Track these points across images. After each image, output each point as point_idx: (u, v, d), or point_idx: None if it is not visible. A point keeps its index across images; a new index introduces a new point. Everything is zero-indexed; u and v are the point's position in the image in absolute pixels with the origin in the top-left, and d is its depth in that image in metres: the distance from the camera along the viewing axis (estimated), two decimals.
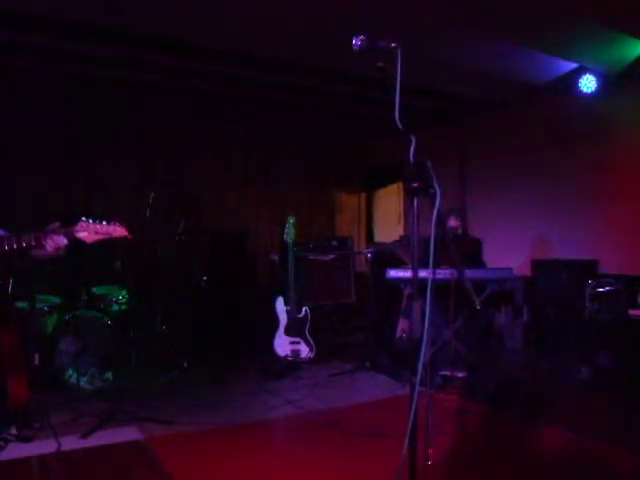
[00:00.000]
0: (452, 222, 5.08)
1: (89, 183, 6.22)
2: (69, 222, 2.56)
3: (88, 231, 2.49)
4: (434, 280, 2.04)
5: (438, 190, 1.99)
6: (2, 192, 5.76)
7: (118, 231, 2.58)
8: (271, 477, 3.00)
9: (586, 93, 5.37)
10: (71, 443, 3.29)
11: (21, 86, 5.74)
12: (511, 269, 4.96)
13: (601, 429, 3.56)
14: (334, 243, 6.35)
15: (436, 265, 4.22)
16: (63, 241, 2.49)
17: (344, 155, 8.61)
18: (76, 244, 2.59)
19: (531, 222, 6.28)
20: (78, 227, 2.49)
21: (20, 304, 4.38)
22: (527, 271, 5.98)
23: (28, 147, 5.97)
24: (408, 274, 4.71)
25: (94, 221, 2.50)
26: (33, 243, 2.45)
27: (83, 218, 2.50)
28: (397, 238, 7.04)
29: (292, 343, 5.13)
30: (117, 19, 4.25)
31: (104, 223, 2.53)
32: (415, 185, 2.00)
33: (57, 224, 2.51)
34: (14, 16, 4.14)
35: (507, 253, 6.03)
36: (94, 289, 4.84)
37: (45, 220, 5.51)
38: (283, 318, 5.15)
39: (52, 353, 4.26)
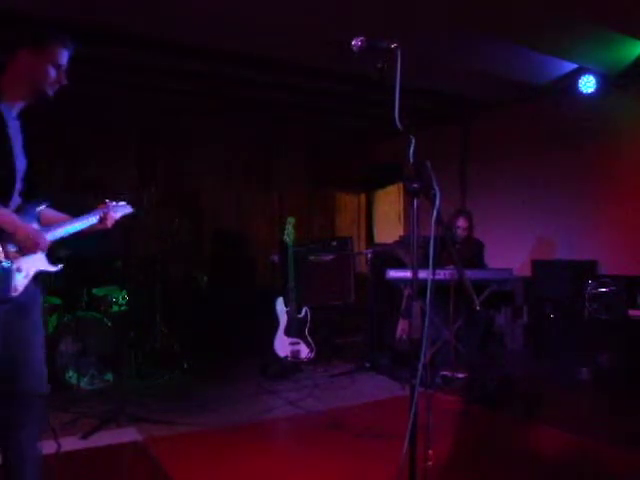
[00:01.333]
0: (460, 222, 5.09)
1: (89, 183, 6.21)
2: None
3: (114, 210, 2.65)
4: (434, 281, 2.04)
5: (438, 191, 1.99)
6: None
7: (129, 208, 2.77)
8: (271, 477, 3.00)
9: (586, 93, 5.37)
10: (71, 444, 3.28)
11: None
12: (511, 270, 4.97)
13: (601, 430, 3.57)
14: (334, 244, 6.35)
15: (436, 266, 4.23)
16: (116, 215, 2.65)
17: (344, 155, 8.61)
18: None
19: (531, 222, 6.28)
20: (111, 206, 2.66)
21: None
22: (527, 272, 5.98)
23: (27, 147, 5.96)
24: (408, 274, 4.71)
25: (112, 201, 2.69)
26: (97, 221, 2.56)
27: (107, 200, 2.65)
28: (397, 239, 7.04)
29: (292, 344, 5.13)
30: (117, 19, 4.26)
31: (120, 202, 2.71)
32: (415, 186, 2.00)
33: (107, 201, 2.64)
34: (13, 16, 4.14)
35: (507, 253, 6.03)
36: (94, 290, 4.84)
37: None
38: (283, 318, 5.15)
39: (52, 354, 4.26)
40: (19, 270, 2.10)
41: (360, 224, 8.87)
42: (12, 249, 2.07)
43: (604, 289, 4.97)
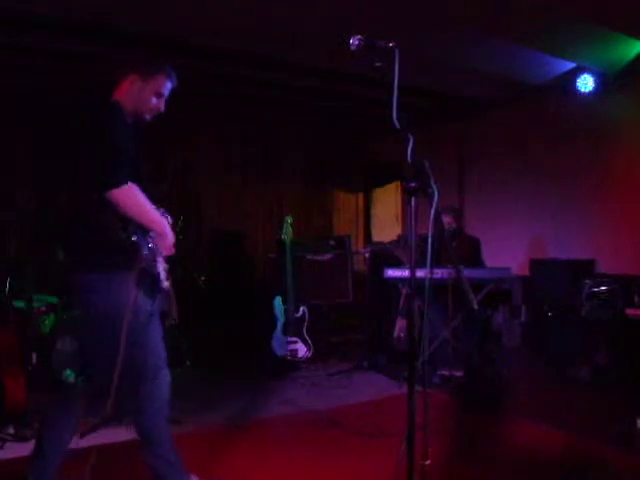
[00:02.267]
0: (444, 219, 5.11)
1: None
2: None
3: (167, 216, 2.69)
4: (432, 280, 2.04)
5: (436, 190, 2.00)
6: (2, 192, 5.75)
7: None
8: (269, 476, 3.00)
9: (584, 93, 5.38)
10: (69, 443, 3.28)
11: (21, 82, 5.73)
12: (509, 269, 4.97)
13: (599, 429, 3.57)
14: (332, 243, 6.35)
15: (434, 265, 4.23)
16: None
17: (343, 155, 8.61)
18: None
19: (529, 222, 6.29)
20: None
21: (18, 304, 4.38)
22: (525, 271, 5.98)
23: (28, 147, 5.95)
24: (406, 273, 4.71)
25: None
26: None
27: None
28: (395, 238, 7.04)
29: (290, 343, 5.13)
30: (117, 19, 4.25)
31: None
32: (413, 185, 2.01)
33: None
34: (13, 16, 4.13)
35: (505, 252, 6.04)
36: None
37: (44, 219, 5.51)
38: (281, 318, 5.15)
39: (50, 353, 4.26)
40: (161, 266, 2.36)
41: (358, 223, 8.87)
42: (156, 248, 2.31)
43: (602, 288, 4.98)
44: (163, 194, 5.15)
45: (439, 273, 4.53)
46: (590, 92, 5.36)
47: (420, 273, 2.12)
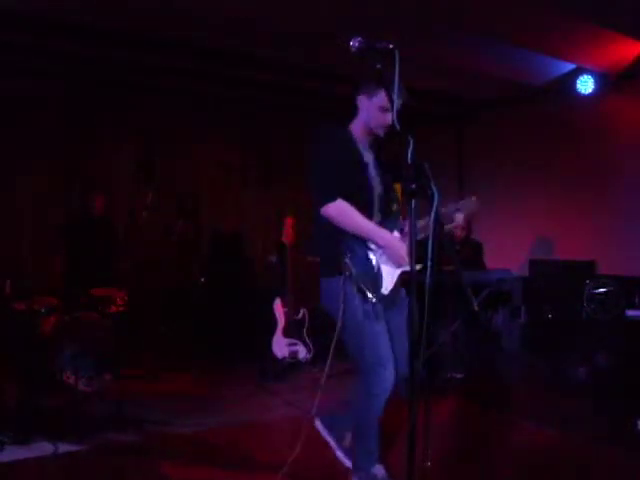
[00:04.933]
0: (459, 220, 5.10)
1: (88, 183, 6.20)
2: None
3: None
4: (432, 281, 2.04)
5: (436, 192, 2.00)
6: (2, 192, 5.75)
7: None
8: (269, 477, 2.99)
9: (584, 94, 5.38)
10: (69, 444, 3.28)
11: (20, 83, 5.74)
12: (509, 270, 4.97)
13: (600, 430, 3.57)
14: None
15: (435, 266, 4.22)
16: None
17: None
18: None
19: (529, 222, 6.28)
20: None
21: (18, 305, 4.38)
22: (525, 272, 5.98)
23: (28, 147, 5.95)
24: None
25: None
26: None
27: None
28: None
29: (290, 344, 5.13)
30: (116, 19, 4.26)
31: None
32: (413, 187, 2.00)
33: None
34: (12, 15, 4.13)
35: (505, 253, 6.04)
36: (93, 290, 4.83)
37: (44, 220, 5.49)
38: (281, 319, 5.14)
39: (50, 355, 4.25)
40: (387, 273, 2.57)
41: None
42: (381, 257, 2.54)
43: (602, 289, 4.98)
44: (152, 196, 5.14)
45: (439, 275, 4.53)
46: (590, 93, 5.36)
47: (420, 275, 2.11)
